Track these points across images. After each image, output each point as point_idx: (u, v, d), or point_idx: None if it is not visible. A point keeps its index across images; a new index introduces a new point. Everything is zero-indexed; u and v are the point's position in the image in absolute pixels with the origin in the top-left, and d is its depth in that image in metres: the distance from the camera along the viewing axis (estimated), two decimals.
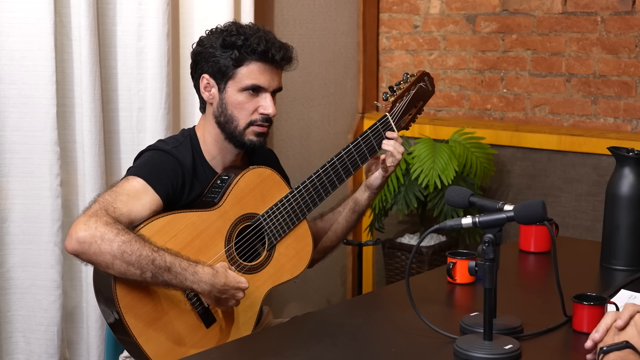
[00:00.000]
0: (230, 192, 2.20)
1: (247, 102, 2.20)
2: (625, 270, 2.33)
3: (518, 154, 3.60)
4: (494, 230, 1.73)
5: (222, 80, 2.21)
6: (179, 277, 2.03)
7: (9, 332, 2.83)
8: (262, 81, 2.20)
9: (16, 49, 2.72)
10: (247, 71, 2.19)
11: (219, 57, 2.19)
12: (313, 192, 2.28)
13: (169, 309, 2.09)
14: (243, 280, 2.10)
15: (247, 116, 2.21)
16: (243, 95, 2.20)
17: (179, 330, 2.09)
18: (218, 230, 2.17)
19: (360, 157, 2.33)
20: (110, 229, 2.00)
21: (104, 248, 1.98)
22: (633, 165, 2.32)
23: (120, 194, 2.09)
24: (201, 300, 2.13)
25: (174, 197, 2.17)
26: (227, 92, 2.21)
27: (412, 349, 1.82)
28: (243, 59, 2.18)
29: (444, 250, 3.53)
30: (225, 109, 2.22)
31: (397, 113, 2.38)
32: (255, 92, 2.21)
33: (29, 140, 2.75)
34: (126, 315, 2.03)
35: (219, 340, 2.13)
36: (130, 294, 2.04)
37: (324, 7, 3.77)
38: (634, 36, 3.32)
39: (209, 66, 2.22)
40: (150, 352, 2.05)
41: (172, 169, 2.18)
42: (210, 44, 2.21)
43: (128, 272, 2.00)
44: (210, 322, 2.14)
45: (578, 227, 3.44)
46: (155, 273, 2.01)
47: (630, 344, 1.53)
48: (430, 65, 3.86)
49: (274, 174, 2.29)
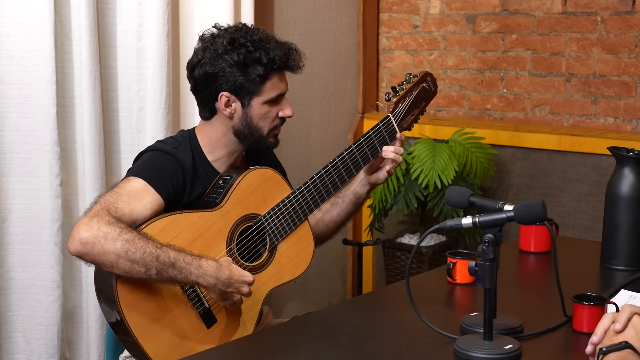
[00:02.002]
0: (232, 193, 2.20)
1: (269, 111, 2.24)
2: (625, 270, 2.33)
3: (518, 154, 3.60)
4: (494, 230, 1.73)
5: (247, 97, 2.22)
6: (184, 272, 2.03)
7: (9, 332, 2.83)
8: (282, 88, 2.26)
9: (16, 49, 2.72)
10: (272, 85, 2.22)
11: (240, 75, 2.19)
12: (315, 192, 2.28)
13: (170, 309, 2.09)
14: (248, 274, 2.11)
15: (270, 123, 2.26)
16: (266, 106, 2.24)
17: (179, 330, 2.09)
18: (220, 230, 2.17)
19: (362, 158, 2.32)
20: (113, 228, 2.00)
21: (108, 247, 1.98)
22: (633, 165, 2.32)
23: (121, 194, 2.09)
24: (202, 300, 2.13)
25: (175, 197, 2.17)
26: (252, 106, 2.22)
27: (412, 349, 1.82)
28: (268, 75, 2.20)
29: (444, 250, 3.53)
30: (251, 122, 2.23)
31: (399, 114, 2.37)
32: (277, 100, 2.25)
33: (29, 140, 2.75)
34: (127, 316, 2.03)
35: (219, 341, 2.13)
36: (131, 294, 2.04)
37: (324, 7, 3.77)
38: (634, 36, 3.32)
39: (229, 85, 2.20)
40: (151, 352, 2.05)
41: (173, 168, 2.18)
42: (226, 63, 2.19)
43: (133, 271, 2.00)
44: (211, 322, 2.14)
45: (578, 227, 3.44)
46: (160, 269, 2.01)
47: (629, 344, 1.53)
48: (430, 65, 3.86)
49: (275, 174, 2.30)
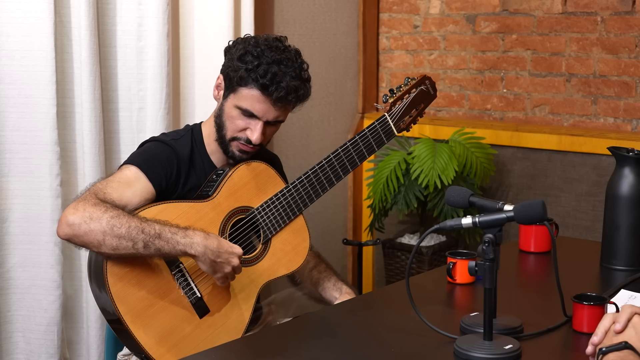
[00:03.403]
0: (224, 185, 2.22)
1: (238, 119, 2.23)
2: (625, 270, 2.32)
3: (518, 154, 3.60)
4: (494, 230, 1.73)
5: (228, 89, 2.24)
6: (171, 242, 2.04)
7: (9, 332, 2.83)
8: (256, 109, 2.21)
9: (16, 49, 2.72)
10: (247, 94, 2.20)
11: (233, 67, 2.22)
12: (309, 187, 2.30)
13: (162, 297, 2.10)
14: (237, 247, 2.12)
15: (234, 131, 2.24)
16: (236, 112, 2.23)
17: (171, 319, 2.10)
18: (211, 221, 2.19)
19: (357, 155, 2.34)
20: (99, 208, 2.03)
21: (94, 226, 2.01)
22: (633, 165, 2.32)
23: (111, 181, 2.13)
24: (194, 289, 2.13)
25: (168, 187, 2.20)
26: (227, 102, 2.25)
27: (412, 349, 1.82)
28: (246, 81, 2.19)
29: (444, 250, 3.53)
30: (222, 115, 2.26)
31: (396, 114, 2.38)
32: (248, 114, 2.22)
33: (29, 140, 2.75)
34: (117, 302, 2.04)
35: (212, 332, 2.14)
36: (121, 281, 2.06)
37: (324, 7, 3.77)
38: (634, 36, 3.32)
39: (225, 69, 2.25)
40: (142, 340, 2.06)
41: (167, 158, 2.21)
42: (237, 51, 2.23)
43: (120, 246, 2.01)
44: (203, 312, 2.15)
45: (578, 227, 3.44)
46: (147, 242, 2.02)
47: (629, 344, 1.53)
48: (430, 65, 3.86)
49: (268, 168, 2.31)
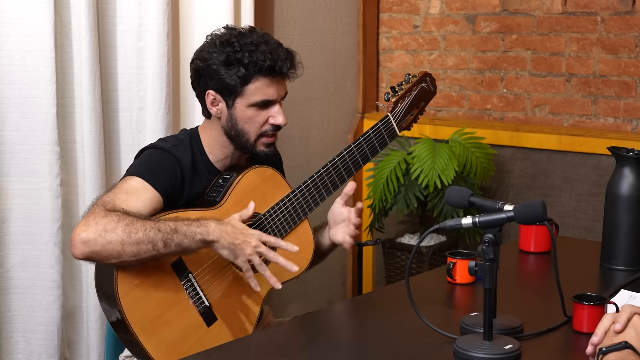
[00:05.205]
0: (232, 192, 2.20)
1: (256, 115, 2.20)
2: (625, 270, 2.32)
3: (518, 154, 3.60)
4: (494, 230, 1.73)
5: (230, 97, 2.19)
6: (188, 235, 2.02)
7: (9, 332, 2.83)
8: (270, 94, 2.19)
9: (16, 49, 2.72)
10: (255, 88, 2.17)
11: (224, 74, 2.16)
12: (314, 191, 2.29)
13: (171, 307, 2.09)
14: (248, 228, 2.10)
15: (258, 129, 2.22)
16: (252, 110, 2.19)
17: (180, 328, 2.09)
18: None
19: (361, 156, 2.33)
20: (111, 218, 2.00)
21: (110, 237, 1.98)
22: (633, 165, 2.32)
23: (118, 192, 2.10)
24: (203, 298, 2.13)
25: (174, 195, 2.18)
26: (237, 108, 2.20)
27: (412, 349, 1.82)
28: (250, 77, 2.16)
29: (444, 250, 3.53)
30: (236, 124, 2.21)
31: (398, 114, 2.38)
32: (265, 105, 2.20)
33: (29, 140, 2.75)
34: (128, 314, 2.03)
35: (220, 340, 2.13)
36: (132, 293, 2.04)
37: (324, 7, 3.77)
38: (634, 36, 3.32)
39: (214, 83, 2.18)
40: (152, 351, 2.05)
41: (171, 166, 2.18)
42: (212, 60, 2.17)
43: (141, 251, 1.99)
44: (211, 321, 2.14)
45: (578, 227, 3.44)
46: (166, 240, 2.00)
47: (629, 344, 1.53)
48: (430, 65, 3.86)
49: (275, 173, 2.30)
